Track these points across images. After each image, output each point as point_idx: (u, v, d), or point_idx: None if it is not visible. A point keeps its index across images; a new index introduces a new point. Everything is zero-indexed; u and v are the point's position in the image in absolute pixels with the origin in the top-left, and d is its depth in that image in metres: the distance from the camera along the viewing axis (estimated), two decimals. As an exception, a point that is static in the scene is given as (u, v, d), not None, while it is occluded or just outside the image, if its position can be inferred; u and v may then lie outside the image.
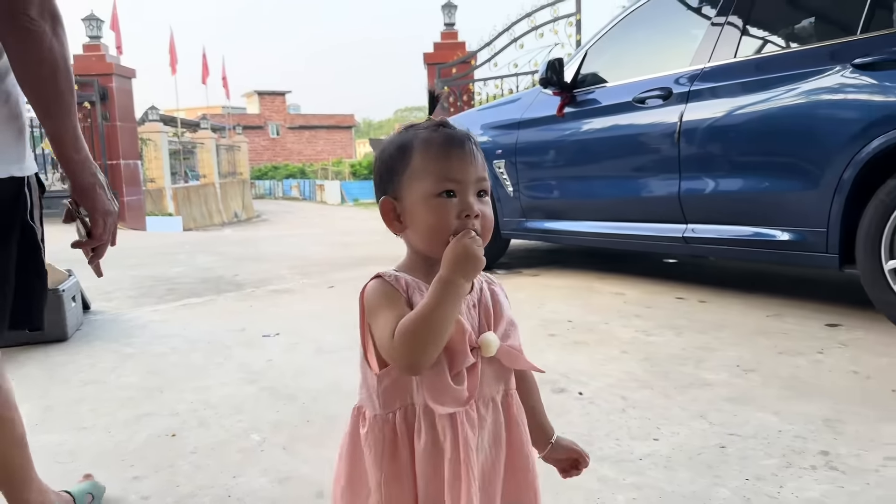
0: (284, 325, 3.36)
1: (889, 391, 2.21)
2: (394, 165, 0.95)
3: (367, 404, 0.96)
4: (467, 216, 0.90)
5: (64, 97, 1.21)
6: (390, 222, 0.96)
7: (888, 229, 2.75)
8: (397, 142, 0.96)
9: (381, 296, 0.91)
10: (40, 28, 1.15)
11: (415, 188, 0.92)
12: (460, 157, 0.92)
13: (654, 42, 4.10)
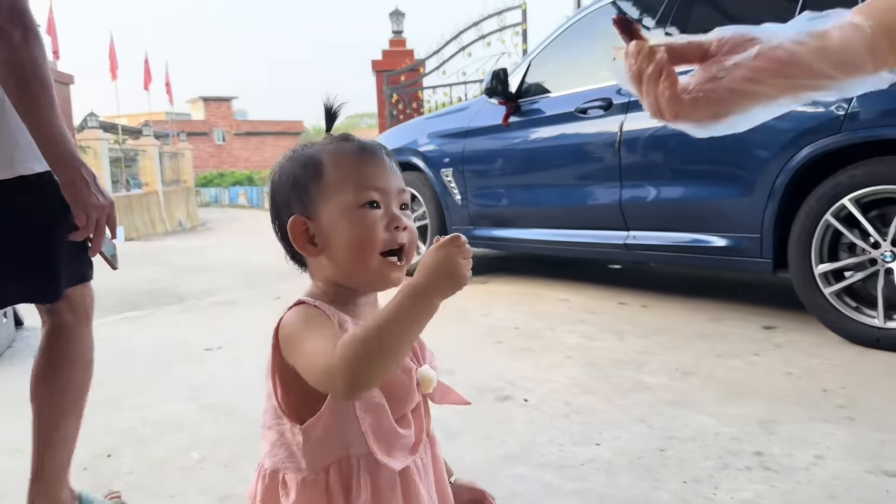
0: (228, 337, 3.30)
1: (820, 391, 2.29)
2: (301, 183, 0.84)
3: (288, 466, 0.81)
4: (396, 228, 0.82)
5: (38, 99, 1.29)
6: (303, 245, 0.84)
7: (818, 234, 2.86)
8: (301, 159, 0.86)
9: (307, 319, 0.78)
10: (8, 35, 1.25)
11: (332, 202, 0.82)
12: (380, 165, 0.85)
13: (595, 52, 4.18)
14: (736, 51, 0.66)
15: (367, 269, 0.82)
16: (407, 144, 4.97)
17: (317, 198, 0.83)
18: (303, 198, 0.84)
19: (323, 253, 0.84)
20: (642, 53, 0.69)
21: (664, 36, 0.71)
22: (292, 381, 0.79)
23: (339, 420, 0.79)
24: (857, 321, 2.79)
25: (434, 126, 4.97)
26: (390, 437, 0.80)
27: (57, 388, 1.51)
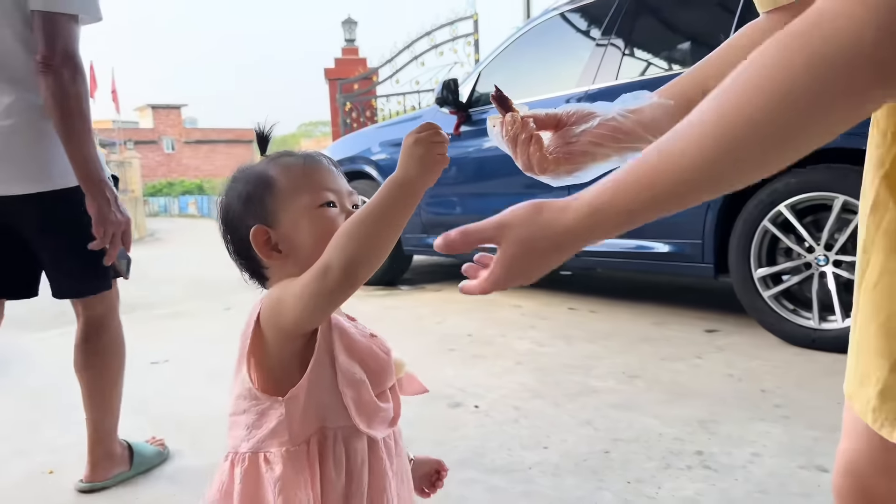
0: (175, 350, 3.24)
1: (758, 391, 2.38)
2: (255, 197, 0.87)
3: (271, 442, 0.82)
4: None
5: (78, 130, 1.58)
6: (268, 253, 0.86)
7: (756, 240, 2.97)
8: (248, 177, 0.89)
9: (289, 281, 0.80)
10: (60, 75, 1.55)
11: (292, 207, 0.85)
12: (327, 169, 0.89)
13: (543, 63, 4.27)
14: (581, 121, 0.84)
15: None
16: (360, 153, 4.98)
17: (274, 207, 0.86)
18: (259, 210, 0.86)
19: (289, 257, 0.86)
20: (516, 122, 0.84)
21: (528, 108, 0.87)
22: (268, 361, 0.83)
23: (316, 392, 0.82)
24: (794, 323, 2.90)
25: (387, 135, 4.99)
26: (371, 410, 0.84)
27: (98, 370, 1.87)
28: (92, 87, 22.89)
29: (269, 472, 0.81)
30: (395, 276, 4.90)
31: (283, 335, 0.81)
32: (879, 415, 0.70)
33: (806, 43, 0.48)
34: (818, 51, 0.47)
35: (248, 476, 0.82)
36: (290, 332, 0.80)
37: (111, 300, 1.88)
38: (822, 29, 0.47)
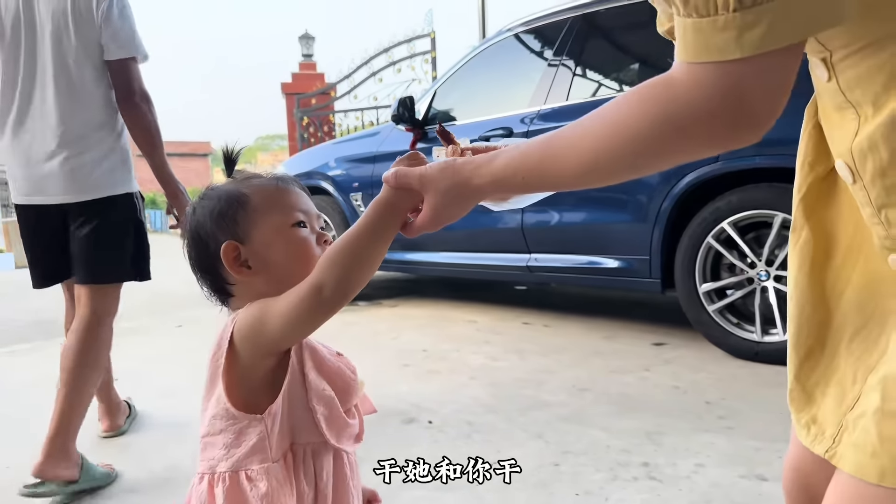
0: (125, 368, 3.17)
1: (703, 403, 2.45)
2: (227, 214, 0.88)
3: (253, 460, 0.83)
4: (325, 242, 0.90)
5: (157, 148, 2.13)
6: (238, 269, 0.87)
7: (701, 256, 3.07)
8: (219, 194, 0.91)
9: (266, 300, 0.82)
10: (143, 110, 2.09)
11: (264, 226, 0.88)
12: (298, 193, 0.92)
13: (498, 82, 4.35)
14: None
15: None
16: (316, 168, 4.97)
17: (246, 224, 0.88)
18: (230, 227, 0.88)
19: (258, 274, 0.88)
20: (457, 154, 0.90)
21: (469, 142, 0.96)
22: (241, 381, 0.84)
23: (290, 409, 0.85)
24: (737, 336, 3.00)
25: (344, 150, 5.00)
26: (341, 425, 0.87)
27: (89, 362, 2.01)
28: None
29: (253, 490, 0.81)
30: (352, 291, 4.88)
31: (261, 354, 0.83)
32: (794, 417, 0.78)
33: (661, 100, 0.63)
34: (666, 109, 0.62)
35: (231, 495, 0.82)
36: (271, 349, 0.83)
37: (117, 297, 2.16)
38: (676, 93, 0.61)
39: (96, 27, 2.02)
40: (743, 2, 0.53)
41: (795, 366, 0.78)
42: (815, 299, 0.77)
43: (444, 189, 0.79)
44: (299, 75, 11.37)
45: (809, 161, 0.80)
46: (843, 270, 0.75)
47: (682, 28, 0.58)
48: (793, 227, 0.82)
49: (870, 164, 0.63)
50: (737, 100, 0.58)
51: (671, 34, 0.90)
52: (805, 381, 0.77)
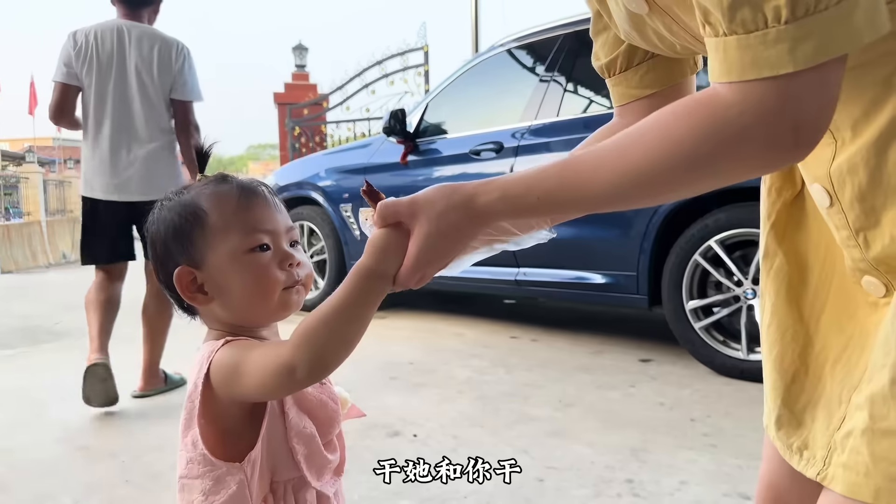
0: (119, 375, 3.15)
1: (688, 420, 2.46)
2: (182, 230, 0.81)
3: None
4: (290, 265, 0.81)
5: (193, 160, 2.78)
6: (192, 296, 0.82)
7: (688, 273, 3.09)
8: (178, 205, 0.83)
9: (242, 346, 0.78)
10: (194, 133, 2.82)
11: (220, 249, 0.80)
12: (264, 205, 0.83)
13: (489, 97, 4.37)
14: None
15: (269, 307, 0.82)
16: (307, 178, 4.97)
17: (202, 246, 0.81)
18: (187, 247, 0.81)
19: (214, 300, 0.82)
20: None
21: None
22: (218, 420, 0.79)
23: (268, 449, 0.80)
24: (723, 354, 3.01)
25: (334, 161, 5.00)
26: (321, 464, 0.82)
27: (165, 317, 2.91)
28: (32, 104, 22.27)
29: None
30: (340, 302, 4.88)
31: (236, 399, 0.79)
32: (779, 441, 0.77)
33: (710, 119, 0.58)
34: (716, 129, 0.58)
35: None
36: (245, 400, 0.79)
37: None
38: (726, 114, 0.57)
39: (172, 74, 2.83)
40: (795, 13, 0.51)
41: (782, 391, 0.78)
42: (795, 323, 0.78)
43: (439, 211, 0.67)
44: (292, 85, 11.40)
45: (777, 187, 0.82)
46: (818, 293, 0.76)
47: (723, 47, 0.56)
48: (764, 253, 0.83)
49: (849, 188, 0.64)
50: (793, 116, 0.55)
51: (609, 69, 0.90)
52: (793, 405, 0.77)
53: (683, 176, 0.61)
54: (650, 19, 0.73)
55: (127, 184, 2.77)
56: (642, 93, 0.87)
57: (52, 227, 12.96)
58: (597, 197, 0.65)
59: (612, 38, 0.87)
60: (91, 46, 2.75)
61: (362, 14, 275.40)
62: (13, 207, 14.85)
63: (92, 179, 2.81)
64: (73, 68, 2.76)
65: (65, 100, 2.80)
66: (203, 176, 0.87)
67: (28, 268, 10.61)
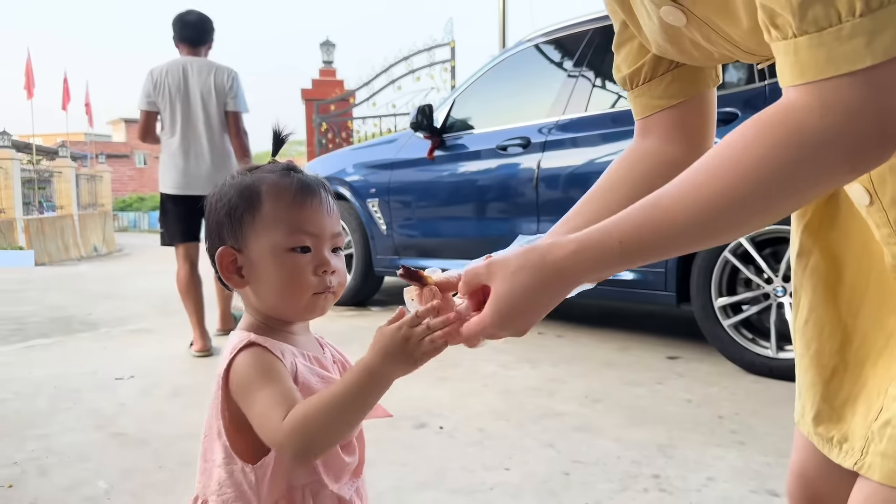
0: (140, 367, 3.22)
1: (716, 417, 2.45)
2: (236, 211, 0.83)
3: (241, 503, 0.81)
4: (324, 272, 0.82)
5: (250, 160, 3.49)
6: (229, 276, 0.84)
7: (717, 270, 3.07)
8: (240, 185, 0.85)
9: (259, 370, 0.78)
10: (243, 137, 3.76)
11: (263, 240, 0.82)
12: (317, 208, 0.83)
13: (516, 92, 4.37)
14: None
15: (297, 307, 0.83)
16: (334, 174, 5.01)
17: (249, 231, 0.82)
18: (235, 228, 0.83)
19: (249, 286, 0.84)
20: (435, 295, 0.75)
21: (440, 271, 0.79)
22: (243, 422, 0.79)
23: (283, 456, 0.81)
24: (752, 352, 2.99)
25: (361, 156, 5.04)
26: (339, 467, 0.83)
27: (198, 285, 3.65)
28: (65, 100, 22.65)
29: None
30: (366, 296, 4.92)
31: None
32: (817, 436, 0.78)
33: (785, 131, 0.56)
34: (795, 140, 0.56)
35: None
36: None
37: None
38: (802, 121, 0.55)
39: (225, 93, 3.71)
40: (870, 5, 0.50)
41: (821, 387, 0.77)
42: (832, 320, 0.78)
43: (514, 269, 0.65)
44: (319, 81, 11.47)
45: None
46: (856, 290, 0.76)
47: (793, 49, 0.54)
48: (798, 252, 0.82)
49: (890, 186, 0.65)
50: (879, 110, 0.52)
51: (633, 80, 0.87)
52: (833, 400, 0.76)
53: (774, 198, 0.58)
54: (688, 30, 0.72)
55: (193, 182, 3.63)
56: (667, 103, 0.86)
57: (84, 221, 13.21)
58: (683, 234, 0.62)
59: (636, 49, 0.86)
60: (164, 81, 3.64)
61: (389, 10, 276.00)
62: (46, 201, 15.16)
63: (167, 180, 3.68)
64: (152, 98, 3.66)
65: (148, 123, 3.73)
66: (273, 160, 0.88)
67: (61, 260, 10.83)
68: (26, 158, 14.74)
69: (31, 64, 19.51)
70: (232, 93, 3.73)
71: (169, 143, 3.68)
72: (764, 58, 0.71)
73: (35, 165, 14.98)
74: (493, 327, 0.66)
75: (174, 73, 3.66)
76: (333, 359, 0.91)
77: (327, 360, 0.88)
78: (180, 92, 3.64)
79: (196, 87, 3.67)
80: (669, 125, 0.87)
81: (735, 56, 0.74)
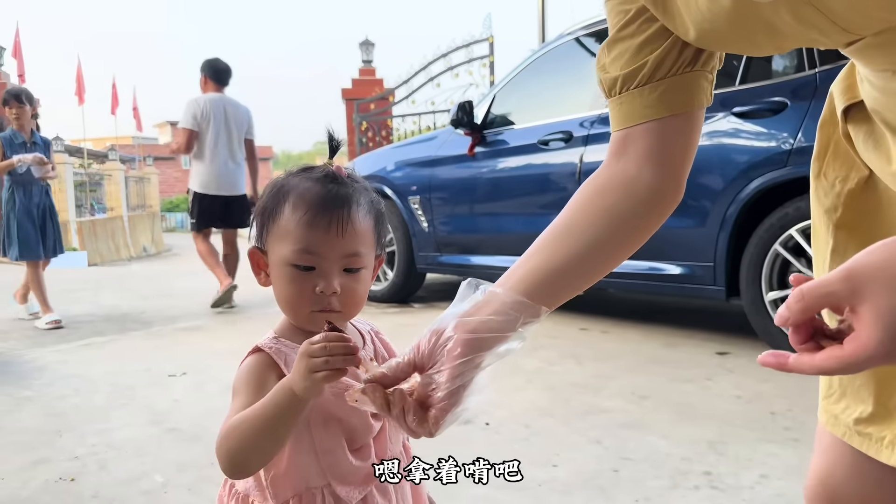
0: (192, 363, 3.30)
1: (768, 414, 2.39)
2: (266, 213, 0.85)
3: (256, 495, 0.84)
4: (322, 293, 0.80)
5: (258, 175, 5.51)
6: (258, 273, 0.87)
7: (767, 263, 3.00)
8: (278, 185, 0.85)
9: (245, 377, 0.81)
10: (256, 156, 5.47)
11: (276, 249, 0.82)
12: (326, 229, 0.79)
13: (557, 86, 4.34)
14: (436, 354, 0.71)
15: (298, 319, 0.84)
16: (375, 172, 5.06)
17: (269, 236, 0.84)
18: (263, 229, 0.85)
19: (272, 286, 0.86)
20: (376, 391, 0.70)
21: (376, 365, 0.74)
22: None
23: (298, 458, 0.82)
24: (804, 347, 2.90)
25: (402, 154, 5.07)
26: (347, 473, 0.83)
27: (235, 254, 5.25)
28: (113, 105, 23.30)
29: None
30: (408, 293, 4.95)
31: None
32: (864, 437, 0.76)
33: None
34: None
35: None
36: None
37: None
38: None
39: (245, 125, 5.22)
40: None
41: (874, 387, 0.75)
42: None
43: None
44: (359, 81, 11.55)
45: (841, 178, 0.77)
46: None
47: None
48: (833, 252, 0.78)
49: None
50: None
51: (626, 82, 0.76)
52: (887, 400, 0.74)
53: None
54: (773, 9, 0.61)
55: (222, 185, 5.14)
56: (657, 113, 0.75)
57: (133, 222, 13.57)
58: None
59: (636, 46, 0.75)
60: (209, 111, 5.04)
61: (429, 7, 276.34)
62: (98, 203, 15.61)
63: (205, 183, 5.12)
64: (198, 121, 5.02)
65: (191, 140, 5.04)
66: (328, 162, 0.87)
67: (112, 260, 11.15)
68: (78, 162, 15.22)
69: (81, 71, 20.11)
70: (249, 125, 5.25)
71: (211, 156, 5.06)
72: (859, 37, 0.60)
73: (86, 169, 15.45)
74: (885, 356, 0.47)
75: (217, 106, 5.08)
76: (374, 354, 0.90)
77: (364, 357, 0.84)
78: (223, 121, 5.08)
79: (232, 119, 5.13)
80: (651, 143, 0.76)
81: (820, 41, 0.64)
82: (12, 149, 4.41)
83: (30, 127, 4.55)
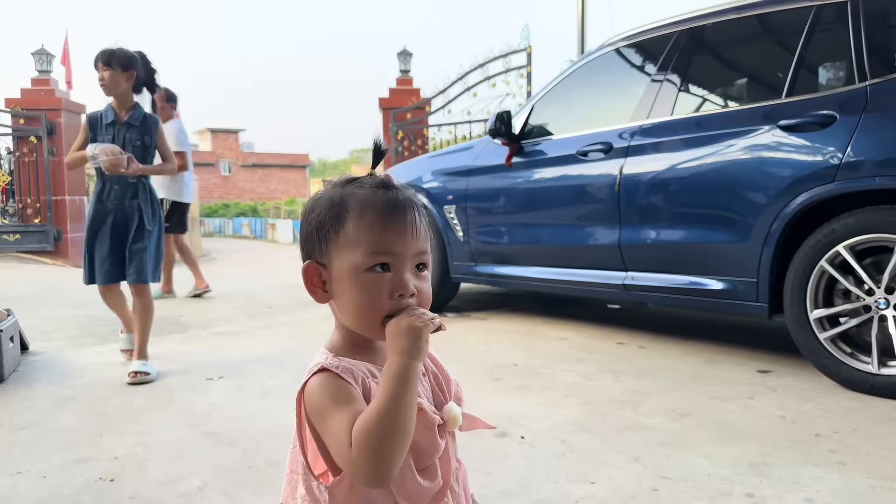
0: (229, 367, 3.34)
1: (812, 435, 2.32)
2: (324, 225, 0.85)
3: None
4: (401, 296, 0.82)
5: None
6: (314, 290, 0.86)
7: (813, 280, 2.91)
8: (331, 198, 0.85)
9: (330, 395, 0.79)
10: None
11: (345, 258, 0.83)
12: (400, 228, 0.82)
13: (597, 97, 4.30)
14: None
15: (371, 331, 0.84)
16: (412, 181, 5.07)
17: (332, 247, 0.84)
18: (321, 243, 0.85)
19: (332, 300, 0.86)
20: None
21: None
22: (322, 442, 0.81)
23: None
24: (851, 367, 2.82)
25: (439, 164, 5.07)
26: (414, 493, 0.82)
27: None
28: (156, 111, 23.99)
29: None
30: (442, 303, 4.94)
31: None
32: None
33: None
34: None
35: None
36: None
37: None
38: None
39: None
40: None
41: None
42: None
43: None
44: (396, 90, 11.61)
45: None
46: None
47: None
48: None
49: None
50: None
51: None
52: None
53: None
54: None
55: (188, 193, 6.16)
56: None
57: (174, 227, 13.85)
58: None
59: None
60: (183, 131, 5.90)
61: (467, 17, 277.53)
62: (139, 208, 15.96)
63: (185, 193, 6.06)
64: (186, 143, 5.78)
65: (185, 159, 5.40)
66: (372, 173, 0.88)
67: (152, 264, 11.33)
68: (122, 167, 15.63)
69: (126, 78, 20.61)
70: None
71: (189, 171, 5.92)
72: None
73: (129, 174, 15.85)
74: None
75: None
76: (425, 370, 0.90)
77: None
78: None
79: None
80: None
81: None
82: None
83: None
